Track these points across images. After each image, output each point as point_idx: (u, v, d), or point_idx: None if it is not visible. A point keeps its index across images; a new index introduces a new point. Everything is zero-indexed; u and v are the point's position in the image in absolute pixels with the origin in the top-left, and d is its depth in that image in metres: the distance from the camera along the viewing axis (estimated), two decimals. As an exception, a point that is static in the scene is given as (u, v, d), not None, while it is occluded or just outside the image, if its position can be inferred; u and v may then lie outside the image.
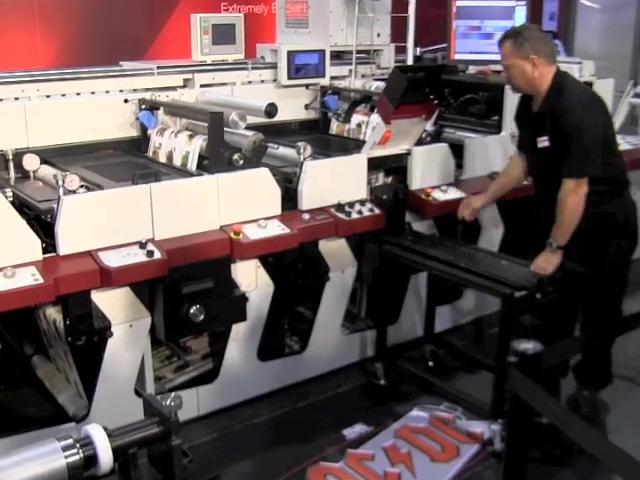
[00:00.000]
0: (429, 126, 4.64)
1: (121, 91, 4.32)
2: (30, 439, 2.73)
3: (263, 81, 4.84)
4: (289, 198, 3.81)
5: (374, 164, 4.11)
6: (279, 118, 4.14)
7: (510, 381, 2.52)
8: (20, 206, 3.32)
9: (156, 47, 6.32)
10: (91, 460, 1.90)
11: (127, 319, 3.33)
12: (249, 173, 3.64)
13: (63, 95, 4.16)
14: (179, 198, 3.41)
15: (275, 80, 4.84)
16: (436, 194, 4.22)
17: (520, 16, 4.92)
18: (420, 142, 4.34)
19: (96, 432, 1.93)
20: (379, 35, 5.20)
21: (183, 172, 3.74)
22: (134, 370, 3.45)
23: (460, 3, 5.06)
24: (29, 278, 2.96)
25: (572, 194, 3.30)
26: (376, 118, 4.38)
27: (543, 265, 3.42)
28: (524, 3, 4.93)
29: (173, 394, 2.06)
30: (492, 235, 4.63)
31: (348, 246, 4.06)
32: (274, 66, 4.82)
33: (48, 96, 4.11)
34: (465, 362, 4.22)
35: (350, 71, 5.10)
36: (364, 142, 4.24)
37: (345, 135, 4.85)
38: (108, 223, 3.22)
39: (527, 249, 3.71)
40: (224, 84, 4.67)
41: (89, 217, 3.18)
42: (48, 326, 3.40)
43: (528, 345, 2.51)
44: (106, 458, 1.91)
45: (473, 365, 4.16)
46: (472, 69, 5.45)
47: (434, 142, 4.53)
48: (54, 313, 3.30)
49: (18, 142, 3.88)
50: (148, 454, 2.11)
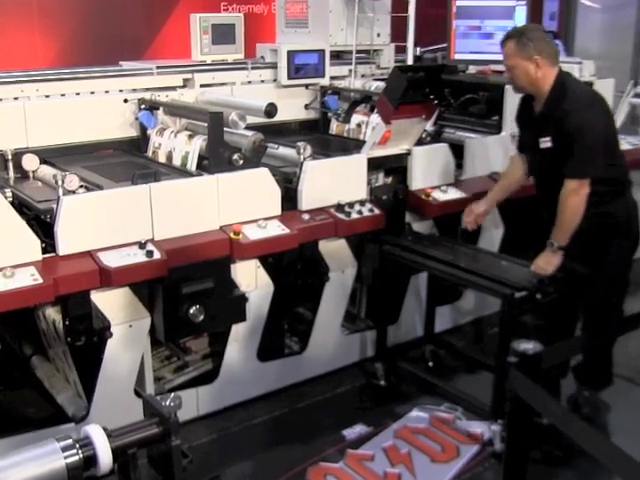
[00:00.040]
0: (429, 126, 4.63)
1: (121, 91, 4.32)
2: (29, 439, 2.75)
3: (263, 81, 4.84)
4: (289, 198, 3.80)
5: (374, 164, 4.10)
6: (279, 118, 4.14)
7: (510, 381, 2.51)
8: (19, 206, 3.32)
9: (156, 47, 6.31)
10: (91, 461, 1.90)
11: (127, 319, 3.33)
12: (249, 173, 3.63)
13: (62, 95, 4.16)
14: (179, 198, 3.41)
15: (275, 80, 4.84)
16: (436, 194, 4.21)
17: (520, 16, 4.92)
18: (420, 142, 4.33)
19: (95, 432, 1.93)
20: (379, 35, 5.20)
21: (183, 172, 3.74)
22: (134, 370, 3.45)
23: (460, 3, 5.06)
24: (28, 278, 2.95)
25: (574, 194, 3.30)
26: (376, 118, 4.38)
27: (543, 265, 3.41)
28: (524, 3, 4.92)
29: (173, 394, 2.06)
30: (492, 235, 4.62)
31: (348, 246, 4.05)
32: (274, 66, 4.82)
33: (47, 96, 4.11)
34: (465, 362, 4.22)
35: (350, 71, 5.10)
36: (364, 142, 4.23)
37: (345, 135, 4.84)
38: (108, 223, 3.22)
39: (527, 249, 3.70)
40: (224, 84, 4.67)
41: (89, 217, 3.17)
42: (47, 326, 3.40)
43: (528, 345, 2.51)
44: (106, 459, 1.91)
45: (473, 365, 4.15)
46: (472, 69, 5.45)
47: (434, 142, 4.53)
48: (53, 313, 3.29)
49: (17, 142, 3.88)
50: (148, 454, 2.11)
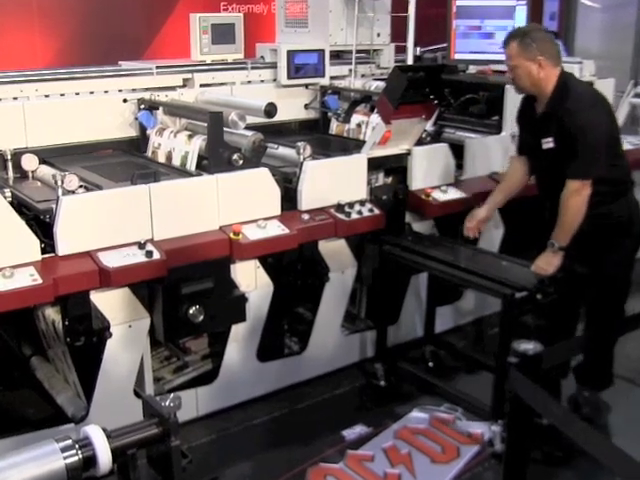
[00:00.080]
0: (429, 126, 4.63)
1: (120, 91, 4.32)
2: (29, 440, 2.75)
3: (263, 81, 4.84)
4: (289, 198, 3.80)
5: (374, 164, 4.10)
6: (279, 118, 4.14)
7: (510, 382, 2.51)
8: (19, 206, 3.31)
9: (155, 47, 6.30)
10: (90, 461, 1.89)
11: (126, 320, 3.32)
12: (248, 173, 3.63)
13: (62, 95, 4.16)
14: (178, 198, 3.40)
15: (275, 80, 4.84)
16: (436, 194, 4.20)
17: (520, 16, 4.91)
18: (420, 142, 4.33)
19: (95, 433, 1.92)
20: (379, 35, 5.20)
21: (182, 172, 3.74)
22: (133, 371, 3.44)
23: (460, 2, 5.05)
24: (28, 278, 2.94)
25: (575, 195, 3.29)
26: (376, 118, 4.37)
27: (544, 266, 3.41)
28: (524, 3, 4.91)
29: (172, 395, 2.05)
30: (492, 235, 4.62)
31: (348, 246, 4.05)
32: (274, 66, 4.82)
33: (47, 96, 4.10)
34: (465, 363, 4.21)
35: (350, 71, 5.10)
36: (364, 142, 4.23)
37: (345, 135, 4.84)
38: (107, 223, 3.21)
39: (527, 249, 3.70)
40: (223, 84, 4.67)
41: (88, 217, 3.17)
42: (47, 327, 3.39)
43: (528, 346, 2.50)
44: (105, 459, 1.90)
45: (473, 366, 4.15)
46: (472, 69, 5.45)
47: (434, 142, 4.52)
48: (53, 314, 3.28)
49: (17, 142, 3.87)
50: (147, 455, 2.10)
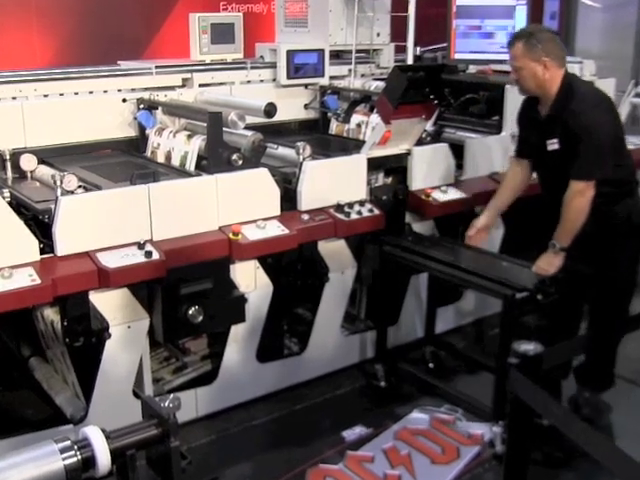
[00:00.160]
0: (429, 126, 4.62)
1: (119, 91, 4.31)
2: (27, 441, 2.74)
3: (262, 81, 4.84)
4: (288, 198, 3.79)
5: (374, 164, 4.09)
6: (278, 118, 4.13)
7: (510, 382, 2.50)
8: (17, 206, 3.30)
9: (154, 46, 6.29)
10: (89, 462, 1.88)
11: (125, 320, 3.31)
12: (248, 173, 3.62)
13: (61, 95, 4.15)
14: (178, 198, 3.39)
15: (274, 80, 4.83)
16: (436, 195, 4.20)
17: (521, 15, 4.90)
18: (420, 142, 4.32)
19: (94, 434, 1.91)
20: (379, 34, 5.20)
21: (182, 172, 3.73)
22: (132, 371, 3.43)
23: (460, 2, 5.04)
24: (26, 279, 2.93)
25: (579, 196, 3.28)
26: (376, 118, 4.36)
27: (544, 266, 3.40)
28: (525, 2, 4.90)
29: (171, 395, 2.04)
30: (492, 235, 4.59)
31: (347, 247, 4.04)
32: (273, 66, 4.82)
33: (46, 96, 4.09)
34: (466, 363, 4.21)
35: (350, 71, 5.10)
36: (364, 142, 4.22)
37: (345, 135, 4.83)
38: (106, 223, 3.20)
39: (527, 249, 3.69)
40: (223, 84, 4.66)
41: (87, 217, 3.16)
42: (46, 327, 3.38)
43: (529, 346, 2.49)
44: (104, 460, 1.89)
45: (474, 366, 4.14)
46: (472, 69, 5.44)
47: (434, 142, 4.51)
48: (52, 314, 3.28)
49: (15, 142, 3.86)
50: (146, 456, 2.10)
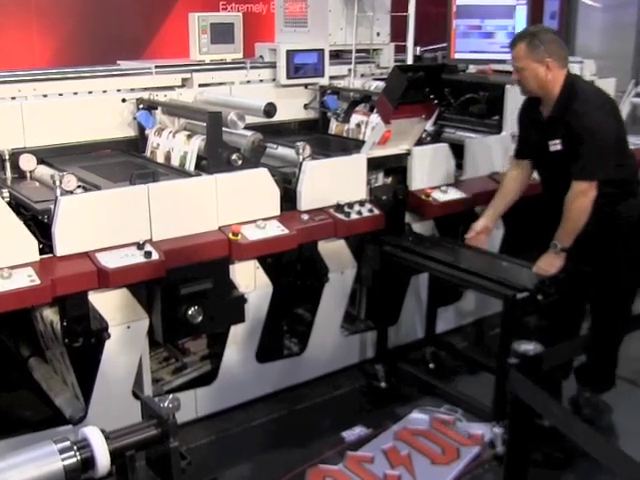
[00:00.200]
0: (429, 126, 4.61)
1: (119, 91, 4.31)
2: (27, 441, 2.73)
3: (262, 80, 4.84)
4: (288, 198, 3.78)
5: (374, 164, 4.08)
6: (278, 118, 4.13)
7: (510, 383, 2.49)
8: (17, 207, 3.30)
9: (154, 46, 6.30)
10: (88, 463, 1.88)
11: (125, 320, 3.30)
12: (248, 173, 3.61)
13: (60, 95, 4.15)
14: (177, 198, 3.39)
15: (274, 79, 4.83)
16: (436, 195, 4.19)
17: (521, 15, 4.90)
18: (420, 142, 4.31)
19: (93, 434, 1.91)
20: (379, 34, 5.20)
21: (181, 172, 3.73)
22: (132, 372, 3.43)
23: (460, 2, 5.04)
24: (26, 279, 2.93)
25: (581, 196, 3.27)
26: (376, 118, 4.36)
27: (545, 267, 3.39)
28: (525, 2, 4.90)
29: (171, 396, 2.04)
30: (492, 235, 4.57)
31: (347, 247, 4.03)
32: (273, 65, 4.82)
33: (45, 95, 4.10)
34: (466, 364, 4.20)
35: (349, 70, 5.10)
36: (363, 142, 4.21)
37: (344, 135, 4.83)
38: (105, 224, 3.19)
39: (527, 249, 3.68)
40: (223, 84, 4.66)
41: (86, 218, 3.15)
42: (45, 328, 3.38)
43: (529, 346, 2.49)
44: (103, 461, 1.89)
45: (474, 367, 4.13)
46: (472, 68, 5.44)
47: (434, 142, 4.51)
48: (51, 314, 3.27)
49: (15, 142, 3.86)
50: (146, 456, 2.09)
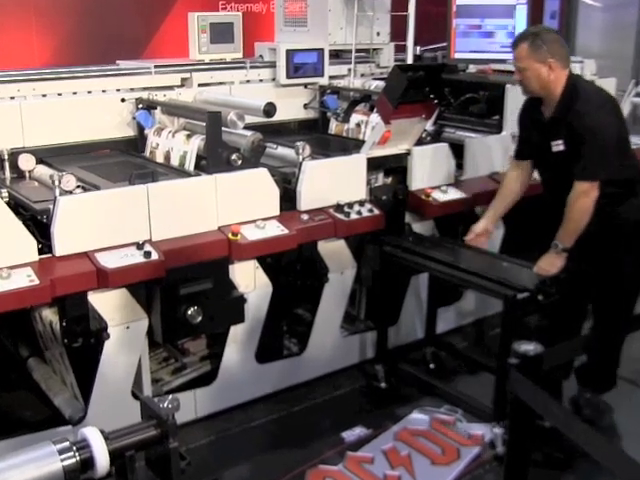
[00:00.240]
0: (429, 126, 4.61)
1: (118, 90, 4.31)
2: (26, 442, 2.73)
3: (261, 80, 4.84)
4: (288, 198, 3.78)
5: (374, 164, 4.08)
6: (278, 118, 4.13)
7: (511, 383, 2.49)
8: (16, 206, 3.30)
9: (153, 46, 6.30)
10: (88, 463, 1.88)
11: (124, 321, 3.30)
12: (247, 173, 3.61)
13: (59, 94, 4.15)
14: (177, 198, 3.38)
15: (274, 79, 4.83)
16: (436, 194, 4.18)
17: (521, 15, 4.90)
18: (420, 142, 4.31)
19: (93, 435, 1.91)
20: (379, 34, 5.19)
21: (181, 172, 3.72)
22: (131, 372, 3.42)
23: (460, 1, 5.05)
24: (25, 279, 2.92)
25: (583, 196, 3.26)
26: (375, 118, 4.36)
27: (546, 267, 3.38)
28: (525, 1, 4.90)
29: (170, 396, 2.03)
30: (492, 235, 4.58)
31: (347, 247, 4.03)
32: (273, 65, 4.82)
33: (44, 95, 4.10)
34: (466, 364, 4.19)
35: (349, 70, 5.09)
36: (363, 142, 4.21)
37: (344, 135, 4.83)
38: (105, 224, 3.19)
39: (528, 249, 3.67)
40: (222, 83, 4.66)
41: (85, 218, 3.14)
42: (44, 328, 3.37)
43: (529, 347, 2.48)
44: (103, 461, 1.89)
45: (474, 367, 4.13)
46: (472, 68, 5.43)
47: (434, 142, 4.50)
48: (50, 315, 3.27)
49: (14, 142, 3.86)
50: (145, 457, 2.08)
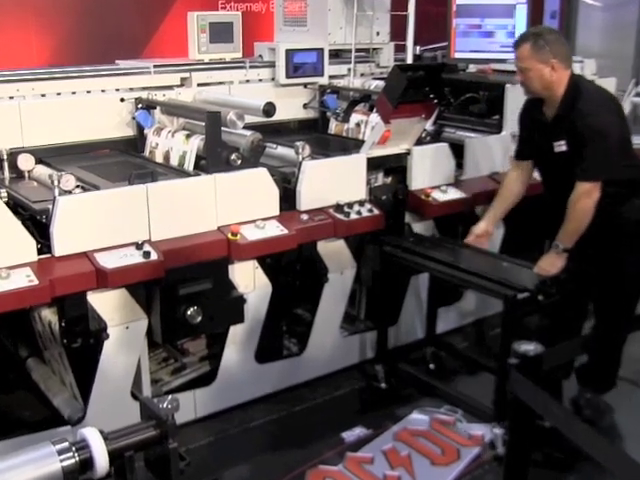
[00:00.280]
0: (429, 126, 4.60)
1: (117, 90, 4.30)
2: (25, 442, 2.72)
3: (261, 80, 4.83)
4: (287, 198, 3.77)
5: (373, 164, 4.07)
6: (277, 117, 4.13)
7: (511, 383, 2.48)
8: (15, 206, 3.29)
9: (153, 45, 6.30)
10: (87, 464, 1.88)
11: (123, 321, 3.29)
12: (247, 173, 3.60)
13: (58, 94, 4.14)
14: (176, 198, 3.38)
15: (273, 79, 4.83)
16: (436, 194, 4.18)
17: (521, 14, 4.90)
18: (420, 142, 4.30)
19: (92, 435, 1.90)
20: (378, 33, 5.19)
21: (180, 172, 3.72)
22: (130, 372, 3.42)
23: (460, 1, 5.05)
24: (24, 279, 2.92)
25: (585, 197, 3.26)
26: (375, 117, 4.35)
27: (546, 267, 3.38)
28: (525, 1, 4.90)
29: (170, 397, 2.03)
30: (492, 236, 4.58)
31: (347, 247, 4.02)
32: (272, 65, 4.81)
33: (43, 95, 4.09)
34: (466, 364, 4.19)
35: (349, 70, 5.08)
36: (363, 142, 4.20)
37: (344, 135, 4.82)
38: (104, 224, 3.18)
39: (528, 249, 3.67)
40: (222, 83, 4.66)
41: (85, 218, 3.14)
42: (43, 328, 3.37)
43: (529, 347, 2.48)
44: (102, 462, 1.88)
45: (474, 367, 4.13)
46: (472, 68, 5.43)
47: (434, 142, 4.50)
48: (49, 315, 3.26)
49: (13, 142, 3.85)
50: (145, 457, 2.08)
